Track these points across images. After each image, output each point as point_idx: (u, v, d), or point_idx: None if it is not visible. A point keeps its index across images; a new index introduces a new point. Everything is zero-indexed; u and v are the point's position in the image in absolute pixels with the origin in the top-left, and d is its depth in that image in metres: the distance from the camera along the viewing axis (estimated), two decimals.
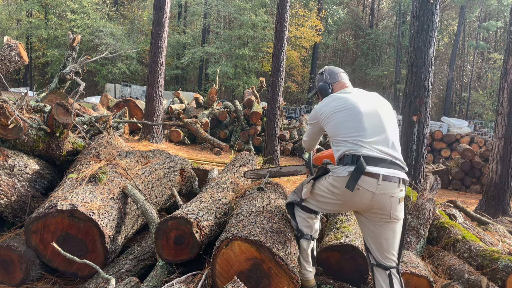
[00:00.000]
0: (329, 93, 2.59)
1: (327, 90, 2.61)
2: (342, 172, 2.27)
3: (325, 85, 2.62)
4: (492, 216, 5.77)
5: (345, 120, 2.38)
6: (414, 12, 5.80)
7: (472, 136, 12.42)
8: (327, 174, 2.41)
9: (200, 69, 28.23)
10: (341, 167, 2.29)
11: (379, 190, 2.20)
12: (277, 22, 7.90)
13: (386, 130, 2.35)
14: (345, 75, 2.69)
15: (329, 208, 2.49)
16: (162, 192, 3.50)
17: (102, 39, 22.73)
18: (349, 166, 2.25)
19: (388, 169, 2.22)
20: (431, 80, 5.79)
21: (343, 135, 2.35)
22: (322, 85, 2.64)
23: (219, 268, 2.31)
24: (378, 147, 2.28)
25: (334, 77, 2.64)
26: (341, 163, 2.32)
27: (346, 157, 2.28)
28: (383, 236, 2.32)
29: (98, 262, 2.57)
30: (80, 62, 5.19)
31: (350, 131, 2.34)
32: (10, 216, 2.94)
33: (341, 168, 2.29)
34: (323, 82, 2.64)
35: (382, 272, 2.33)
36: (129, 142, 8.68)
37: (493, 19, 26.65)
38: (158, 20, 9.27)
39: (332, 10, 27.08)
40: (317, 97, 2.75)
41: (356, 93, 2.51)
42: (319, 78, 2.69)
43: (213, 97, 11.60)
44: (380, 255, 2.34)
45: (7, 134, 3.12)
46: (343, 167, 2.27)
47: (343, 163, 2.29)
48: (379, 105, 2.46)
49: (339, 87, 2.61)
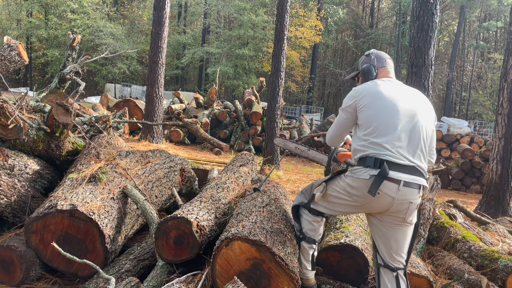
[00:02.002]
0: (373, 76, 2.40)
1: (372, 74, 2.41)
2: (363, 174, 2.19)
3: (371, 68, 2.41)
4: (492, 216, 5.77)
5: (380, 116, 2.22)
6: (414, 12, 5.80)
7: (472, 136, 12.42)
8: (343, 173, 2.32)
9: (200, 69, 28.23)
10: (362, 168, 2.20)
11: (399, 195, 2.14)
12: (277, 22, 7.90)
13: (417, 136, 2.22)
14: (392, 62, 2.49)
15: (341, 210, 2.40)
16: (162, 192, 3.50)
17: (102, 39, 22.72)
18: (370, 169, 2.16)
19: (410, 175, 2.16)
20: (431, 80, 5.79)
21: (373, 134, 2.21)
22: (367, 68, 2.43)
23: (219, 268, 2.31)
24: (404, 154, 2.18)
25: (381, 61, 2.44)
26: (362, 164, 2.22)
27: (368, 159, 2.18)
28: (393, 238, 2.27)
29: (98, 262, 2.57)
30: (80, 62, 5.19)
31: (381, 131, 2.20)
32: (10, 216, 2.94)
33: (362, 170, 2.20)
34: (369, 64, 2.44)
35: (389, 273, 2.30)
36: (129, 142, 8.68)
37: (493, 19, 26.65)
38: (158, 20, 9.27)
39: (332, 10, 27.07)
40: (356, 80, 2.56)
41: (399, 87, 2.33)
42: (365, 60, 2.49)
43: (213, 97, 11.60)
44: (389, 256, 2.30)
45: (7, 134, 3.12)
46: (365, 169, 2.18)
47: (365, 164, 2.20)
48: (419, 106, 2.29)
49: (383, 73, 2.42)
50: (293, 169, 8.83)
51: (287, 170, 8.41)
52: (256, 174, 4.43)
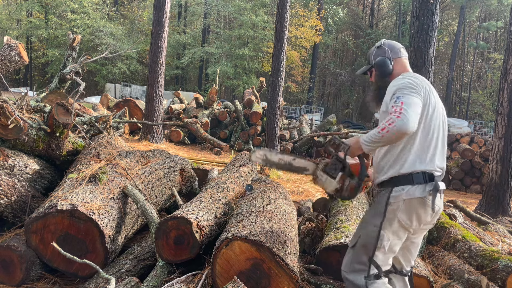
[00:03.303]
0: (390, 70, 2.16)
1: (388, 67, 2.15)
2: (419, 192, 1.97)
3: (386, 60, 2.15)
4: (492, 216, 5.76)
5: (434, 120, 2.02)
6: (414, 12, 5.80)
7: (472, 136, 12.41)
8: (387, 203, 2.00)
9: (200, 69, 28.22)
10: (410, 186, 1.98)
11: (442, 204, 2.07)
12: (277, 22, 7.90)
13: (445, 140, 2.11)
14: (405, 51, 2.24)
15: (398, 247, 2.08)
16: (162, 192, 3.50)
17: (102, 39, 22.71)
18: (421, 185, 1.97)
19: (443, 182, 2.07)
20: (431, 80, 5.78)
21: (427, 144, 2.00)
22: (382, 60, 2.16)
23: (219, 268, 2.31)
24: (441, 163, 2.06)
25: (396, 52, 2.19)
26: (408, 181, 1.98)
27: (415, 175, 1.98)
28: (416, 244, 2.19)
29: (98, 262, 2.57)
30: (80, 62, 5.19)
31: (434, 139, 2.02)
32: (10, 216, 2.94)
33: (412, 188, 1.97)
34: (383, 56, 2.17)
35: (401, 279, 2.21)
36: (129, 142, 8.68)
37: (493, 19, 26.65)
38: (158, 20, 9.27)
39: (332, 10, 27.06)
40: (369, 75, 2.29)
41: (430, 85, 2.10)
42: (378, 52, 2.21)
43: (213, 97, 11.60)
44: (406, 262, 2.21)
45: (7, 134, 3.12)
46: (415, 186, 1.97)
47: (413, 181, 1.98)
48: (442, 106, 2.14)
49: (401, 66, 2.18)
50: None
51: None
52: (256, 174, 4.43)
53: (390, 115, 1.89)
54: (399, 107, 1.88)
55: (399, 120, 1.84)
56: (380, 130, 1.89)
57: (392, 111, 1.89)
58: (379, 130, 1.90)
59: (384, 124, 1.88)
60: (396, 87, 1.98)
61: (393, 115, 1.87)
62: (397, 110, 1.87)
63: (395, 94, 1.95)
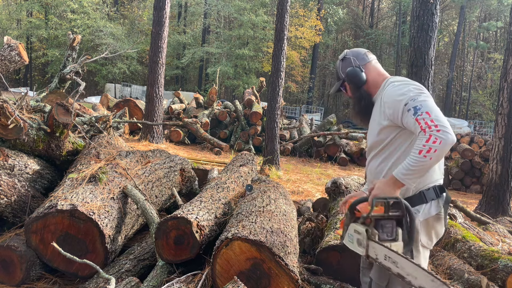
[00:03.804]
0: (363, 79, 1.98)
1: (361, 75, 1.98)
2: (434, 209, 1.84)
3: (356, 70, 1.99)
4: (492, 216, 5.76)
5: None
6: (414, 12, 5.80)
7: (472, 136, 12.41)
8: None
9: (200, 69, 28.24)
10: (424, 205, 1.84)
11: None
12: (277, 22, 7.90)
13: None
14: (372, 54, 2.10)
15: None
16: (162, 192, 3.50)
17: (102, 39, 22.73)
18: (434, 200, 1.84)
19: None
20: (431, 80, 5.78)
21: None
22: (352, 71, 1.99)
23: (219, 268, 2.31)
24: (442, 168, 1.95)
25: (362, 58, 2.03)
26: (421, 200, 1.83)
27: (427, 192, 1.84)
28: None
29: (98, 262, 2.57)
30: (80, 62, 5.19)
31: None
32: (10, 216, 2.94)
33: (426, 206, 1.84)
34: (352, 67, 2.01)
35: None
36: (129, 142, 8.68)
37: (493, 19, 26.66)
38: (158, 20, 9.27)
39: (332, 10, 27.08)
40: (344, 90, 2.11)
41: None
42: (344, 64, 2.05)
43: (213, 97, 11.60)
44: None
45: (7, 134, 3.12)
46: (429, 204, 1.84)
47: (426, 199, 1.83)
48: None
49: (374, 70, 2.02)
50: (293, 169, 8.83)
51: (287, 170, 8.41)
52: (256, 174, 4.43)
53: (424, 132, 1.67)
54: (429, 119, 1.67)
55: (441, 134, 1.64)
56: (424, 152, 1.65)
57: (424, 127, 1.67)
58: (421, 154, 1.65)
59: (425, 144, 1.65)
60: (402, 96, 1.79)
61: (431, 131, 1.65)
62: (429, 123, 1.67)
63: (407, 105, 1.75)
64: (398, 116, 1.79)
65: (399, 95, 1.81)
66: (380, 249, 1.70)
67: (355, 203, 1.82)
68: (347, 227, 1.83)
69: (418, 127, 1.69)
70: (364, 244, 1.74)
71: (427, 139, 1.65)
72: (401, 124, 1.81)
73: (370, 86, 2.00)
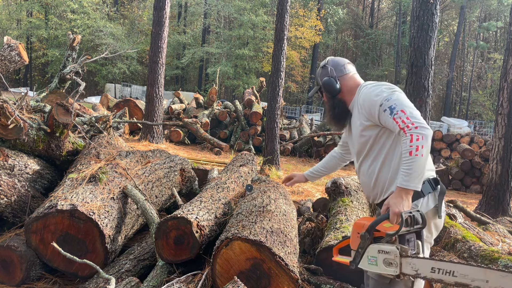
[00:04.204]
0: (337, 89, 2.09)
1: (334, 86, 2.09)
2: (432, 202, 1.90)
3: (331, 80, 2.09)
4: (492, 216, 5.76)
5: None
6: (414, 12, 5.80)
7: (472, 136, 12.42)
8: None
9: (200, 69, 28.23)
10: (421, 199, 1.89)
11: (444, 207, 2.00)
12: (277, 22, 7.90)
13: None
14: (352, 66, 2.18)
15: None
16: (162, 192, 3.50)
17: (102, 39, 22.72)
18: (431, 193, 1.91)
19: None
20: (431, 80, 5.78)
21: None
22: (328, 81, 2.10)
23: (219, 268, 2.31)
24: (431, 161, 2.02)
25: (340, 69, 2.12)
26: (418, 195, 1.86)
27: (423, 186, 1.87)
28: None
29: (98, 262, 2.57)
30: (80, 62, 5.19)
31: None
32: (10, 216, 2.94)
33: (424, 200, 1.90)
34: (328, 76, 2.12)
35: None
36: (129, 142, 8.68)
37: (493, 19, 26.65)
38: (158, 20, 9.27)
39: (332, 10, 27.06)
40: (320, 95, 2.26)
41: None
42: (323, 72, 2.16)
43: (213, 97, 11.60)
44: None
45: (7, 134, 3.12)
46: (427, 197, 1.90)
47: (423, 193, 1.88)
48: None
49: (352, 82, 2.11)
50: (293, 169, 8.83)
51: (287, 170, 8.41)
52: (256, 174, 4.43)
53: (404, 132, 1.78)
54: (404, 117, 1.79)
55: (420, 130, 1.75)
56: (414, 152, 1.74)
57: (402, 126, 1.78)
58: (412, 155, 1.74)
59: (411, 144, 1.75)
60: (376, 97, 1.90)
61: (410, 130, 1.76)
62: (405, 121, 1.78)
63: (382, 105, 1.85)
64: (375, 116, 1.89)
65: (374, 96, 1.91)
66: (424, 263, 1.65)
67: (374, 224, 1.77)
68: (364, 250, 1.77)
69: (396, 126, 1.81)
70: (396, 263, 1.69)
71: (410, 140, 1.75)
72: (380, 124, 1.91)
73: (345, 94, 2.11)
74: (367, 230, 1.77)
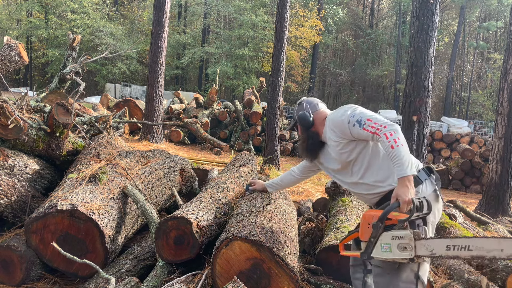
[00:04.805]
0: (310, 121, 2.37)
1: (308, 119, 2.37)
2: (430, 187, 2.09)
3: (306, 114, 2.38)
4: (492, 216, 5.77)
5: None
6: (414, 12, 5.80)
7: (472, 136, 12.42)
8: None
9: (200, 69, 28.23)
10: (420, 186, 2.06)
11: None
12: (277, 22, 7.90)
13: None
14: (323, 104, 2.50)
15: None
16: (162, 192, 3.50)
17: (102, 39, 22.72)
18: (428, 179, 2.10)
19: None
20: (431, 80, 5.78)
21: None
22: (303, 115, 2.38)
23: (219, 268, 2.31)
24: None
25: (313, 106, 2.43)
26: (416, 182, 2.02)
27: (419, 174, 2.07)
28: None
29: (98, 262, 2.57)
30: (80, 62, 5.19)
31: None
32: (10, 216, 2.94)
33: (423, 186, 2.07)
34: (303, 111, 2.41)
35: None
36: (129, 142, 8.68)
37: (493, 19, 26.65)
38: (158, 20, 9.27)
39: (332, 10, 27.05)
40: (296, 129, 2.52)
41: None
42: (299, 108, 2.46)
43: (213, 97, 11.60)
44: None
45: (7, 134, 3.12)
46: (425, 183, 2.08)
47: (420, 180, 2.07)
48: None
49: (321, 115, 2.40)
50: None
51: (287, 170, 8.40)
52: (256, 174, 4.43)
53: (378, 135, 2.02)
54: (372, 124, 2.05)
55: (389, 128, 2.01)
56: (394, 144, 1.96)
57: (373, 131, 2.03)
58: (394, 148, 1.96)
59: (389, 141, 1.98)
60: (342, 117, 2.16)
61: (381, 130, 2.01)
62: (374, 126, 2.04)
63: (350, 122, 2.11)
64: (348, 133, 2.14)
65: (339, 117, 2.18)
66: (438, 242, 1.76)
67: (386, 213, 1.86)
68: (377, 239, 1.87)
69: (369, 134, 2.05)
70: (411, 246, 1.79)
71: (386, 137, 1.99)
72: (353, 138, 2.15)
73: (318, 126, 2.38)
74: (379, 219, 1.87)
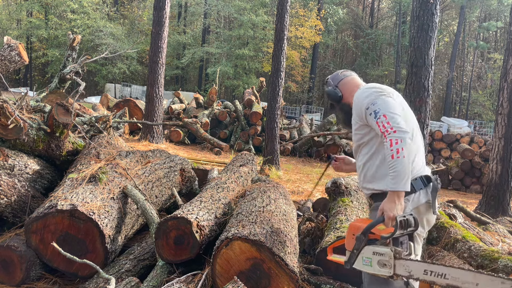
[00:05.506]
0: (339, 94, 2.23)
1: (336, 93, 2.23)
2: (423, 197, 1.98)
3: (331, 89, 2.26)
4: (492, 216, 5.76)
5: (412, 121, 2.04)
6: (414, 12, 5.79)
7: (472, 136, 12.42)
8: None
9: (200, 69, 28.23)
10: (413, 195, 1.96)
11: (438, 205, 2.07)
12: (277, 22, 7.90)
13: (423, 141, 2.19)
14: (349, 72, 2.33)
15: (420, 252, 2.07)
16: (162, 192, 3.50)
17: (102, 39, 22.72)
18: (423, 189, 1.98)
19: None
20: (431, 80, 5.78)
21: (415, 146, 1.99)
22: (330, 91, 2.27)
23: (219, 268, 2.31)
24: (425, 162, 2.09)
25: (337, 78, 2.28)
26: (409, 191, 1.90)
27: (414, 182, 1.96)
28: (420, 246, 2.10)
29: (98, 262, 2.57)
30: (80, 62, 5.19)
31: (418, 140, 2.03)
32: (10, 216, 2.94)
33: (415, 195, 1.96)
34: (328, 87, 2.30)
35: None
36: (129, 142, 8.68)
37: (493, 19, 26.65)
38: (158, 20, 9.27)
39: (332, 10, 27.05)
40: (333, 108, 2.39)
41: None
42: (326, 87, 2.34)
43: (213, 97, 11.60)
44: None
45: (7, 134, 3.12)
46: (418, 193, 1.97)
47: (414, 189, 1.96)
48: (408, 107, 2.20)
49: (351, 84, 2.24)
50: (293, 169, 8.83)
51: (287, 170, 8.41)
52: (256, 174, 4.43)
53: (385, 137, 1.86)
54: (385, 121, 1.87)
55: (398, 134, 1.83)
56: (395, 155, 1.81)
57: (383, 130, 1.87)
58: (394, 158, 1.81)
59: (391, 148, 1.83)
60: (364, 100, 1.99)
61: (389, 134, 1.85)
62: (386, 126, 1.87)
63: (368, 109, 1.95)
64: (363, 118, 2.02)
65: (363, 99, 2.02)
66: (417, 265, 1.71)
67: (369, 227, 1.82)
68: (359, 252, 1.82)
69: (378, 129, 1.91)
70: (390, 264, 1.74)
71: (390, 144, 1.84)
72: (368, 124, 2.03)
73: (348, 97, 2.22)
74: (362, 232, 1.82)
